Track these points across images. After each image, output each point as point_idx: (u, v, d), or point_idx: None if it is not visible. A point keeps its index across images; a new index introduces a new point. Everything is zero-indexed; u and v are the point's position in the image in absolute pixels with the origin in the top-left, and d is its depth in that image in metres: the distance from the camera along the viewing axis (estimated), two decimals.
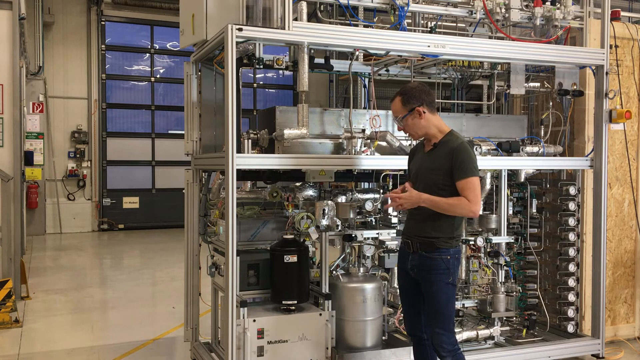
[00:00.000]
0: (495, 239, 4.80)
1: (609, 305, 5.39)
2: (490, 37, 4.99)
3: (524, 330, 5.00)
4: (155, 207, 14.57)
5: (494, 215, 4.84)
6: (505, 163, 4.77)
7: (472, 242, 4.73)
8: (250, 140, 4.21)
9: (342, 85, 14.71)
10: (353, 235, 4.37)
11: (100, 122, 14.24)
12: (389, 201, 3.70)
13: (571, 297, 5.08)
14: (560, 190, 5.11)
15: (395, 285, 4.66)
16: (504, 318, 4.97)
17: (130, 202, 14.55)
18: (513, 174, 4.98)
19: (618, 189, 5.42)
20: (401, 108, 3.55)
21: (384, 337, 4.52)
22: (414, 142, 4.59)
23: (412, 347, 3.83)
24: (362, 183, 5.01)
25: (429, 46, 4.31)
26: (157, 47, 14.94)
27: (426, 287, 3.53)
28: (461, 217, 3.60)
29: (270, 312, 4.15)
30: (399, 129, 3.68)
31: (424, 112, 3.51)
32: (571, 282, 5.07)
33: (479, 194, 3.43)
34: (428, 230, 3.51)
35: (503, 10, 4.70)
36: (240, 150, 3.95)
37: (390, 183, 4.61)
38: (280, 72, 13.46)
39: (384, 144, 4.52)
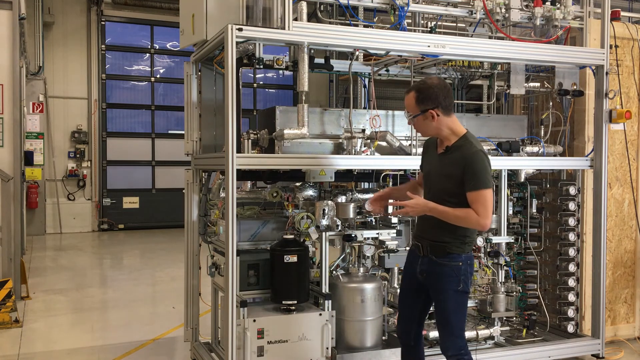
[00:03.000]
0: (495, 239, 4.80)
1: (609, 305, 5.39)
2: (490, 37, 4.99)
3: (524, 330, 5.01)
4: (155, 207, 14.58)
5: (494, 215, 4.84)
6: (505, 163, 4.77)
7: None
8: (250, 140, 4.21)
9: (342, 85, 14.70)
10: (353, 235, 4.37)
11: (100, 122, 14.24)
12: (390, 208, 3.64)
13: (571, 297, 5.08)
14: (560, 190, 5.11)
15: (396, 285, 4.66)
16: (504, 318, 4.97)
17: (130, 202, 14.55)
18: (513, 174, 4.98)
19: (618, 189, 5.42)
20: (414, 106, 3.33)
21: (384, 337, 4.52)
22: (414, 142, 4.60)
23: (400, 351, 3.71)
24: (362, 183, 5.02)
25: (429, 46, 4.31)
26: (157, 47, 14.94)
27: (434, 293, 3.45)
28: None
29: (270, 312, 4.15)
30: (409, 123, 3.50)
31: (438, 115, 3.29)
32: (571, 282, 5.07)
33: (490, 207, 3.21)
34: (439, 232, 3.35)
35: (503, 10, 4.70)
36: (240, 150, 3.95)
37: (390, 183, 4.61)
38: (280, 72, 13.52)
39: (384, 144, 4.52)
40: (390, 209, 4.17)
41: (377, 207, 3.77)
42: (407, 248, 4.31)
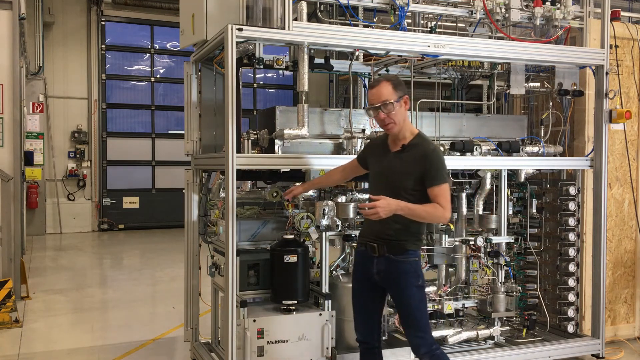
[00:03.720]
0: (495, 239, 4.80)
1: (609, 305, 5.39)
2: (490, 37, 4.99)
3: (524, 330, 5.00)
4: (155, 207, 14.58)
5: (494, 215, 4.84)
6: (505, 163, 4.77)
7: (472, 242, 4.73)
8: (250, 140, 4.22)
9: (342, 85, 14.71)
10: (353, 235, 4.37)
11: (100, 122, 14.25)
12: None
13: (571, 297, 5.08)
14: (560, 190, 5.11)
15: None
16: (504, 318, 4.97)
17: (130, 202, 14.55)
18: (513, 174, 4.98)
19: (618, 189, 5.42)
20: (392, 92, 3.34)
21: (384, 337, 4.52)
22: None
23: (359, 354, 3.71)
24: (362, 183, 5.01)
25: (429, 46, 4.31)
26: (157, 47, 14.95)
27: (396, 292, 3.45)
28: None
29: (270, 312, 4.15)
30: (378, 117, 3.39)
31: (406, 104, 3.42)
32: (571, 282, 5.06)
33: (450, 200, 3.36)
34: (396, 232, 3.39)
35: (503, 10, 4.70)
36: (240, 150, 3.95)
37: None
38: (280, 72, 13.51)
39: None
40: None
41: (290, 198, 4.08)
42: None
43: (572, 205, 5.04)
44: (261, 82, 15.85)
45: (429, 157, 3.32)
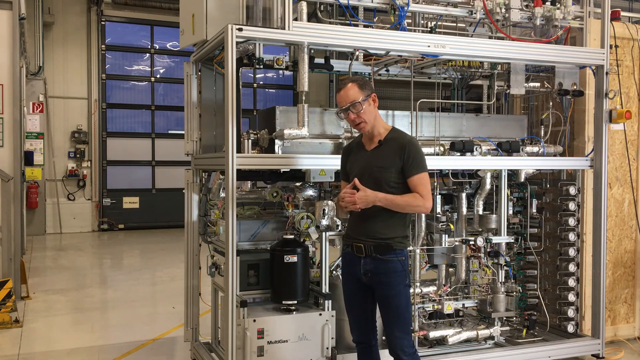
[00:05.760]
0: (495, 239, 4.80)
1: (609, 305, 5.39)
2: (490, 37, 4.99)
3: (524, 330, 5.01)
4: (155, 207, 14.59)
5: (494, 215, 4.84)
6: (505, 163, 4.77)
7: (472, 242, 4.73)
8: (250, 140, 4.21)
9: None
10: None
11: (100, 122, 14.25)
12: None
13: (571, 297, 5.08)
14: (560, 190, 5.11)
15: None
16: (504, 318, 4.97)
17: (130, 202, 14.56)
18: (513, 174, 4.98)
19: (618, 189, 5.42)
20: (359, 92, 3.37)
21: (384, 337, 4.51)
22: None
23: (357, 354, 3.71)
24: None
25: (429, 46, 4.31)
26: (157, 47, 14.95)
27: (384, 291, 3.43)
28: (411, 216, 3.57)
29: (270, 312, 4.16)
30: (349, 117, 3.41)
31: (375, 102, 3.44)
32: (571, 282, 5.06)
33: (430, 190, 3.39)
34: (382, 230, 3.39)
35: (503, 10, 4.69)
36: (240, 150, 3.95)
37: None
38: (280, 72, 13.53)
39: None
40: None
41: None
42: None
43: (572, 205, 5.04)
44: (261, 82, 15.85)
45: (407, 148, 3.36)
